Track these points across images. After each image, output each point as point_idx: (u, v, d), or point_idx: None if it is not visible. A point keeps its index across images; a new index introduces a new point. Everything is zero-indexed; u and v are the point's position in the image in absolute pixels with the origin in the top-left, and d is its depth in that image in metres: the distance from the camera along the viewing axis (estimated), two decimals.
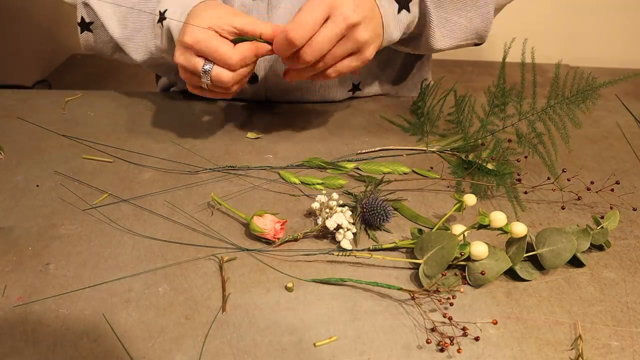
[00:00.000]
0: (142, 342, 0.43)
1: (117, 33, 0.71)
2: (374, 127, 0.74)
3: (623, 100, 0.82)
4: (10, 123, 0.72)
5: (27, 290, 0.47)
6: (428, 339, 0.43)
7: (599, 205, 0.59)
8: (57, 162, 0.64)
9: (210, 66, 0.56)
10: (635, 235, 0.55)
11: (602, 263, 0.51)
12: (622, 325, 0.45)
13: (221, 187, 0.60)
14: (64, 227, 0.54)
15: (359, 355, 0.42)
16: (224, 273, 0.48)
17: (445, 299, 0.46)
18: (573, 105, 0.60)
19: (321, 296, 0.47)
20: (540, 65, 0.59)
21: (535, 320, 0.45)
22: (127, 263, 0.50)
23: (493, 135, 0.64)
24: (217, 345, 0.42)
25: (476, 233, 0.52)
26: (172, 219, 0.55)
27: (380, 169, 0.64)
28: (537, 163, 0.65)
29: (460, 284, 0.47)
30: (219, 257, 0.50)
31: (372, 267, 0.50)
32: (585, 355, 0.42)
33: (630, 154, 0.69)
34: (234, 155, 0.66)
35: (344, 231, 0.51)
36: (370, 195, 0.55)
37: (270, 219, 0.52)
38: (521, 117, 0.62)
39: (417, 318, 0.45)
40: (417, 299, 0.46)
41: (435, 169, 0.64)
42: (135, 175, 0.62)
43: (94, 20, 0.72)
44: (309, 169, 0.64)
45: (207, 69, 0.56)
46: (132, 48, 0.71)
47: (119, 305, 0.46)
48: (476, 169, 0.62)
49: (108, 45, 0.74)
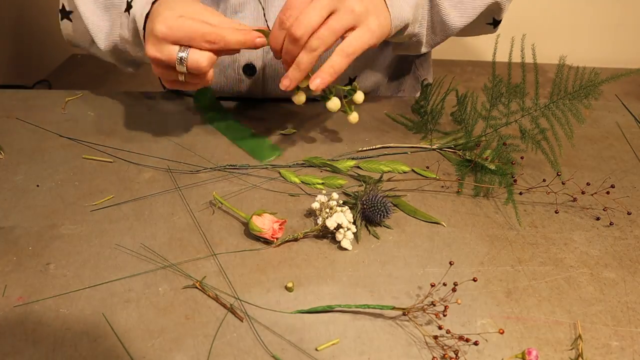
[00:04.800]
0: (142, 342, 0.43)
1: (91, 22, 0.69)
2: (374, 126, 0.74)
3: (623, 100, 0.82)
4: (10, 123, 0.72)
5: (27, 290, 0.47)
6: (428, 344, 0.43)
7: (595, 207, 0.59)
8: (57, 162, 0.64)
9: (186, 53, 0.54)
10: (635, 235, 0.55)
11: (602, 263, 0.51)
12: (622, 325, 0.45)
13: (221, 187, 0.60)
14: (64, 227, 0.54)
15: (358, 355, 0.42)
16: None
17: (441, 312, 0.44)
18: (576, 101, 0.60)
19: (321, 296, 0.47)
20: (541, 65, 0.59)
21: (535, 320, 0.45)
22: (127, 263, 0.50)
23: (496, 131, 0.64)
24: (217, 345, 0.42)
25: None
26: (172, 219, 0.55)
27: (381, 167, 0.64)
28: (535, 164, 0.65)
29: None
30: (218, 259, 0.50)
31: (373, 265, 0.50)
32: (585, 355, 0.42)
33: (630, 154, 0.69)
34: (234, 155, 0.66)
35: (344, 231, 0.51)
36: (370, 191, 0.55)
37: (269, 218, 0.52)
38: (524, 113, 0.62)
39: (417, 319, 0.45)
40: (411, 312, 0.45)
41: (432, 168, 0.64)
42: (135, 175, 0.62)
43: (73, 9, 0.71)
44: (309, 167, 0.64)
45: (182, 57, 0.54)
46: (100, 37, 0.69)
47: (119, 305, 0.46)
48: (478, 168, 0.62)
49: (85, 37, 0.72)
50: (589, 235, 0.55)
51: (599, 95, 0.59)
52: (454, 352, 0.42)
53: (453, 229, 0.55)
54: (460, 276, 0.49)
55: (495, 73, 0.63)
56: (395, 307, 0.45)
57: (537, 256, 0.52)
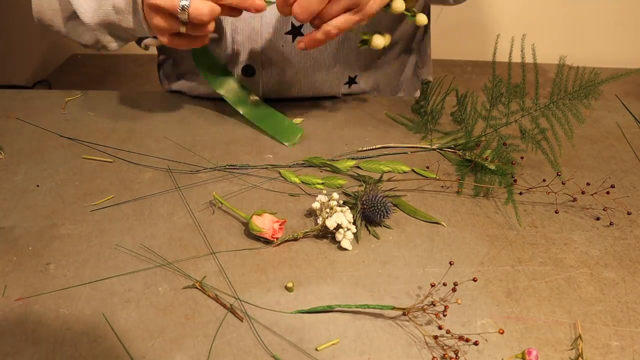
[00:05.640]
0: (142, 342, 0.43)
1: None
2: (374, 126, 0.74)
3: (623, 100, 0.82)
4: (10, 123, 0.72)
5: (27, 290, 0.47)
6: (428, 344, 0.43)
7: (595, 207, 0.59)
8: (57, 162, 0.64)
9: (188, 1, 0.55)
10: (635, 235, 0.55)
11: (602, 263, 0.51)
12: (622, 325, 0.45)
13: (221, 187, 0.60)
14: (64, 227, 0.54)
15: (358, 355, 0.42)
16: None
17: (441, 312, 0.44)
18: (576, 101, 0.60)
19: (321, 296, 0.47)
20: (541, 65, 0.59)
21: (535, 320, 0.45)
22: (127, 263, 0.50)
23: (496, 131, 0.64)
24: (217, 345, 0.42)
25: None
26: (172, 219, 0.55)
27: (380, 167, 0.64)
28: (535, 164, 0.65)
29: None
30: (218, 258, 0.50)
31: (373, 265, 0.50)
32: (585, 355, 0.42)
33: (630, 154, 0.69)
34: (234, 155, 0.66)
35: (344, 231, 0.51)
36: (370, 191, 0.55)
37: (269, 218, 0.52)
38: (524, 113, 0.62)
39: (417, 319, 0.45)
40: (411, 312, 0.45)
41: (432, 168, 0.64)
42: (135, 175, 0.62)
43: None
44: (309, 167, 0.64)
45: (185, 4, 0.55)
46: (87, 11, 0.65)
47: (119, 305, 0.46)
48: (478, 168, 0.62)
49: (59, 14, 0.69)
50: (589, 235, 0.55)
51: (599, 95, 0.59)
52: (454, 352, 0.42)
53: (453, 229, 0.55)
54: (460, 276, 0.49)
55: (495, 73, 0.63)
56: (395, 307, 0.45)
57: (537, 256, 0.52)
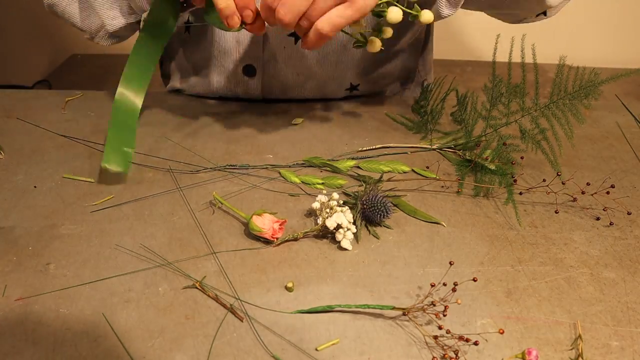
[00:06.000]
0: (142, 342, 0.43)
1: None
2: (374, 126, 0.74)
3: (623, 100, 0.82)
4: (10, 123, 0.72)
5: (27, 290, 0.47)
6: (428, 344, 0.43)
7: (595, 207, 0.59)
8: (57, 162, 0.64)
9: None
10: (635, 235, 0.55)
11: (602, 263, 0.51)
12: (622, 325, 0.45)
13: (221, 187, 0.60)
14: (64, 227, 0.54)
15: (358, 355, 0.42)
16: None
17: (441, 312, 0.44)
18: (576, 101, 0.60)
19: (321, 296, 0.47)
20: (541, 65, 0.59)
21: (535, 320, 0.45)
22: (127, 263, 0.50)
23: (496, 131, 0.64)
24: (217, 345, 0.42)
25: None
26: (172, 219, 0.55)
27: (380, 167, 0.64)
28: (535, 164, 0.65)
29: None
30: (218, 258, 0.50)
31: (373, 265, 0.50)
32: (585, 355, 0.42)
33: (630, 154, 0.69)
34: (234, 155, 0.66)
35: (344, 231, 0.51)
36: (370, 191, 0.55)
37: (269, 218, 0.52)
38: (524, 113, 0.62)
39: (417, 319, 0.45)
40: (411, 312, 0.45)
41: (432, 168, 0.64)
42: (135, 175, 0.62)
43: None
44: (309, 167, 0.64)
45: None
46: None
47: (119, 305, 0.46)
48: (478, 168, 0.62)
49: None
50: (589, 235, 0.55)
51: (599, 95, 0.59)
52: (454, 352, 0.42)
53: (453, 229, 0.55)
54: (460, 276, 0.49)
55: (495, 73, 0.63)
56: (395, 307, 0.45)
57: (537, 256, 0.52)
